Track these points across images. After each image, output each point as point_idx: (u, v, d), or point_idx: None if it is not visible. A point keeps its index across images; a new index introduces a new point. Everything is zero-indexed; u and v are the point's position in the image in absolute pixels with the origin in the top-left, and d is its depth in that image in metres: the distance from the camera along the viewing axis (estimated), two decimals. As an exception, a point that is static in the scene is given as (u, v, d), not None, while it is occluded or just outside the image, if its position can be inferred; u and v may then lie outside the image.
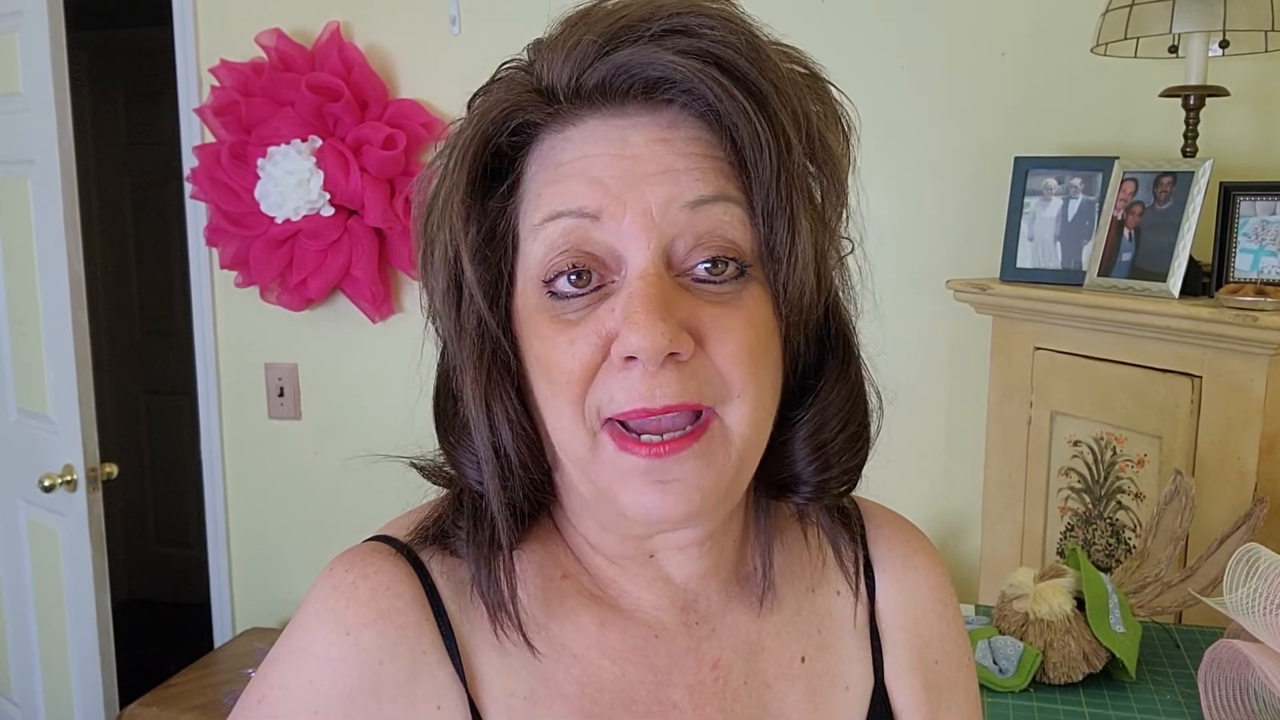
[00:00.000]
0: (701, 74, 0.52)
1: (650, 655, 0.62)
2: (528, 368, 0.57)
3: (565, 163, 0.54)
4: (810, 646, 0.66)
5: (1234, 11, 1.52)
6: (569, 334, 0.53)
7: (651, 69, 0.52)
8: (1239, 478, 1.45)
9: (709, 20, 0.53)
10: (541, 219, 0.54)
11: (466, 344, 0.57)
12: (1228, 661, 1.19)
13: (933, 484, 2.07)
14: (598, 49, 0.53)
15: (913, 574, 0.71)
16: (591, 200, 0.53)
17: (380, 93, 2.23)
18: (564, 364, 0.53)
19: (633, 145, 0.53)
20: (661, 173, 0.53)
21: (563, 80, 0.54)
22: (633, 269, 0.52)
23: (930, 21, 1.96)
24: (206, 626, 2.63)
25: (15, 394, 2.45)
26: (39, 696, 2.54)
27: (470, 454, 0.59)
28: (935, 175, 1.99)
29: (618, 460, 0.54)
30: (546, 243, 0.54)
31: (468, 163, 0.55)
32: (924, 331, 2.02)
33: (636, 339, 0.51)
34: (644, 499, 0.53)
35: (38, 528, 2.45)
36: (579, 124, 0.54)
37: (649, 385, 0.52)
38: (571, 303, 0.54)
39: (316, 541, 2.47)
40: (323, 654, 0.57)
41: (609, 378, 0.53)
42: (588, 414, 0.54)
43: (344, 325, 2.36)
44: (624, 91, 0.53)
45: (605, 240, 0.53)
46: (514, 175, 0.56)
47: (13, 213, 2.35)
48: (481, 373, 0.56)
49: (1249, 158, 1.78)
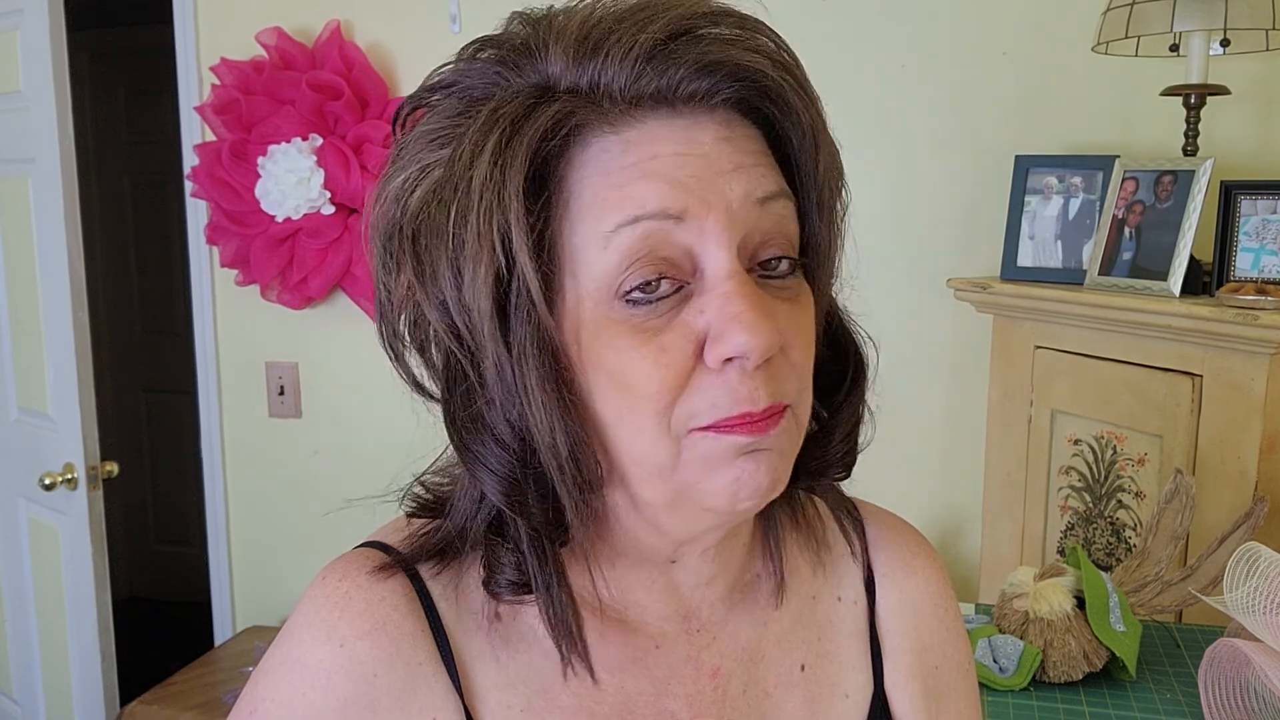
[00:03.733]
0: (771, 72, 0.52)
1: (650, 666, 0.61)
2: (582, 383, 0.54)
3: (631, 165, 0.51)
4: (810, 654, 0.66)
5: (1235, 10, 1.52)
6: (656, 342, 0.51)
7: (717, 70, 0.51)
8: (1239, 477, 1.45)
9: (744, 20, 0.53)
10: (615, 225, 0.51)
11: (529, 364, 0.52)
12: (1228, 660, 1.19)
13: (933, 482, 2.07)
14: (657, 50, 0.51)
15: (913, 579, 0.70)
16: (674, 201, 0.51)
17: (381, 91, 2.23)
18: (654, 374, 0.51)
19: (702, 144, 0.52)
20: (734, 170, 0.52)
21: (619, 82, 0.51)
22: (718, 268, 0.51)
23: (931, 21, 1.96)
24: (207, 625, 2.64)
25: (16, 392, 2.46)
26: (39, 694, 2.54)
27: (519, 484, 0.54)
28: (936, 174, 1.99)
29: (717, 446, 0.52)
30: (622, 250, 0.51)
31: (518, 168, 0.50)
32: (924, 330, 2.02)
33: (747, 339, 0.50)
34: (738, 472, 0.52)
35: (38, 526, 2.45)
36: (637, 126, 0.52)
37: (750, 387, 0.51)
38: (656, 308, 0.51)
39: (317, 540, 2.47)
40: (316, 666, 0.57)
41: (702, 385, 0.52)
42: (675, 424, 0.52)
43: (344, 324, 2.36)
44: (687, 94, 0.52)
45: (684, 242, 0.51)
46: (553, 182, 0.52)
47: (13, 211, 2.35)
48: (551, 393, 0.52)
49: (1250, 157, 1.78)
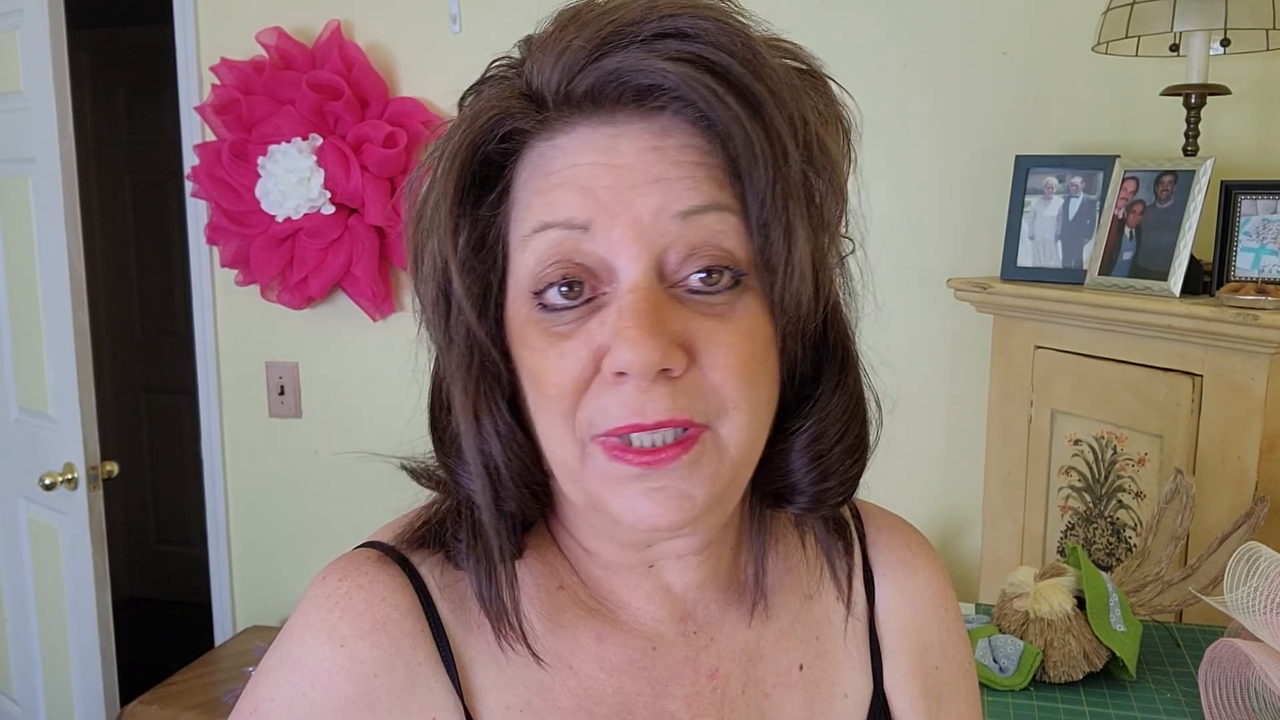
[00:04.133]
0: (693, 81, 0.50)
1: (648, 667, 0.61)
2: (520, 378, 0.56)
3: (554, 171, 0.52)
4: (808, 654, 0.66)
5: (1235, 10, 1.52)
6: (560, 347, 0.52)
7: (642, 76, 0.51)
8: (1239, 477, 1.45)
9: (703, 23, 0.51)
10: (530, 230, 0.53)
11: (455, 355, 0.56)
12: (1228, 660, 1.19)
13: (933, 483, 2.07)
14: (587, 54, 0.51)
15: (913, 579, 0.70)
16: (580, 211, 0.51)
17: (381, 91, 2.23)
18: (553, 377, 0.52)
19: (623, 154, 0.52)
20: (652, 182, 0.51)
21: (551, 86, 0.52)
22: (624, 281, 0.51)
23: (931, 21, 1.96)
24: (207, 624, 2.63)
25: (16, 392, 2.46)
26: (39, 694, 2.54)
27: (465, 464, 0.57)
28: (936, 174, 1.99)
29: (610, 468, 0.53)
30: (536, 254, 0.52)
31: (456, 170, 0.53)
32: (925, 331, 2.02)
33: (628, 355, 0.49)
34: (636, 505, 0.52)
35: (38, 526, 2.45)
36: (569, 131, 0.53)
37: (640, 400, 0.51)
38: (562, 315, 0.52)
39: (317, 540, 2.47)
40: (317, 666, 0.57)
41: (601, 392, 0.52)
42: (578, 427, 0.53)
43: (345, 323, 2.36)
44: (614, 98, 0.52)
45: (595, 251, 0.51)
46: (503, 183, 0.55)
47: (13, 211, 2.35)
48: (470, 384, 0.55)
49: (1250, 156, 1.78)
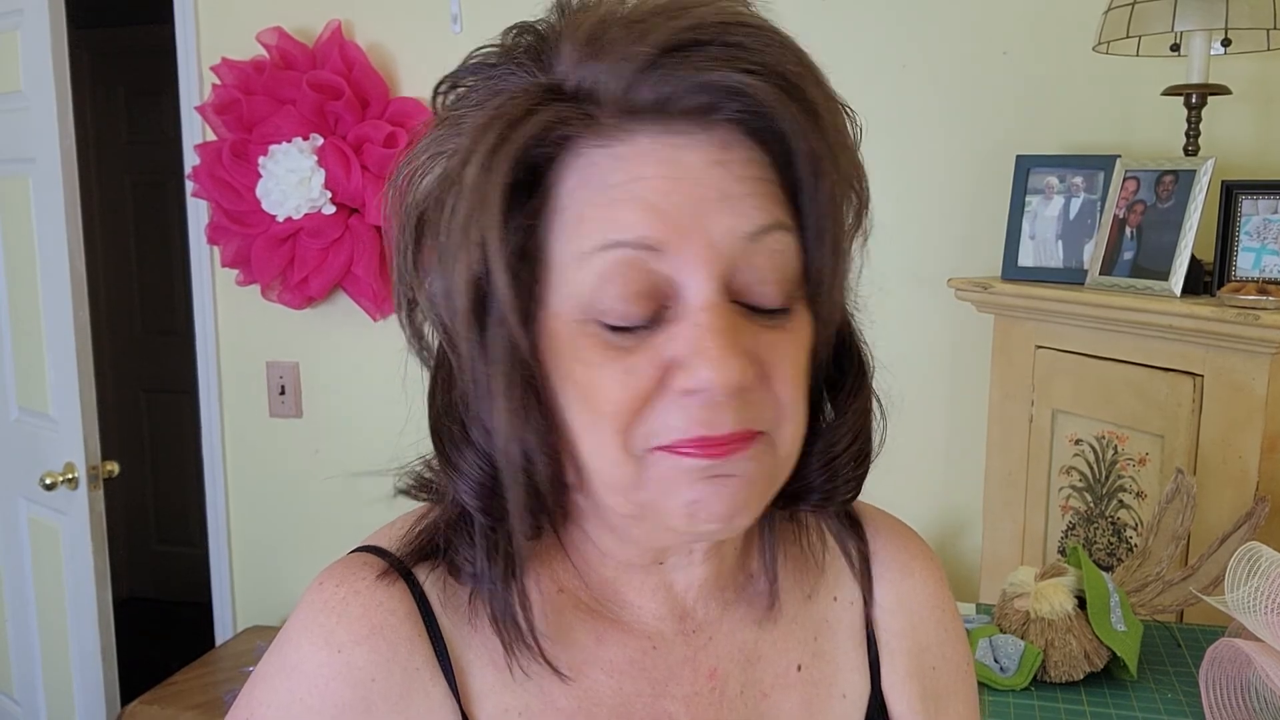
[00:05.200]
0: (769, 94, 0.49)
1: (648, 668, 0.61)
2: (555, 390, 0.53)
3: (615, 184, 0.50)
4: (807, 654, 0.66)
5: (1236, 10, 1.52)
6: (624, 362, 0.51)
7: (714, 88, 0.49)
8: (1240, 476, 1.45)
9: (759, 32, 0.50)
10: (594, 247, 0.50)
11: (496, 370, 0.52)
12: (1229, 660, 1.19)
13: (934, 483, 2.07)
14: (651, 61, 0.48)
15: (910, 580, 0.70)
16: (652, 230, 0.49)
17: (381, 91, 2.23)
18: (613, 394, 0.51)
19: (689, 168, 0.50)
20: (721, 199, 0.50)
21: (610, 92, 0.49)
22: (695, 299, 0.50)
23: (931, 20, 1.96)
24: (207, 624, 2.63)
25: (16, 392, 2.46)
26: (40, 694, 2.54)
27: (482, 480, 0.55)
28: (936, 174, 1.99)
29: (678, 466, 0.51)
30: (598, 272, 0.50)
31: (501, 176, 0.50)
32: (925, 331, 2.02)
33: (709, 373, 0.49)
34: (697, 495, 0.51)
35: (39, 526, 2.45)
36: (628, 140, 0.50)
37: (710, 414, 0.50)
38: (626, 332, 0.51)
39: (317, 540, 2.47)
40: (314, 672, 0.56)
41: (663, 407, 0.51)
42: (635, 441, 0.51)
43: (345, 323, 2.36)
44: (681, 110, 0.50)
45: (663, 270, 0.50)
46: (543, 188, 0.52)
47: (14, 211, 2.35)
48: (515, 401, 0.52)
49: (1251, 156, 1.78)
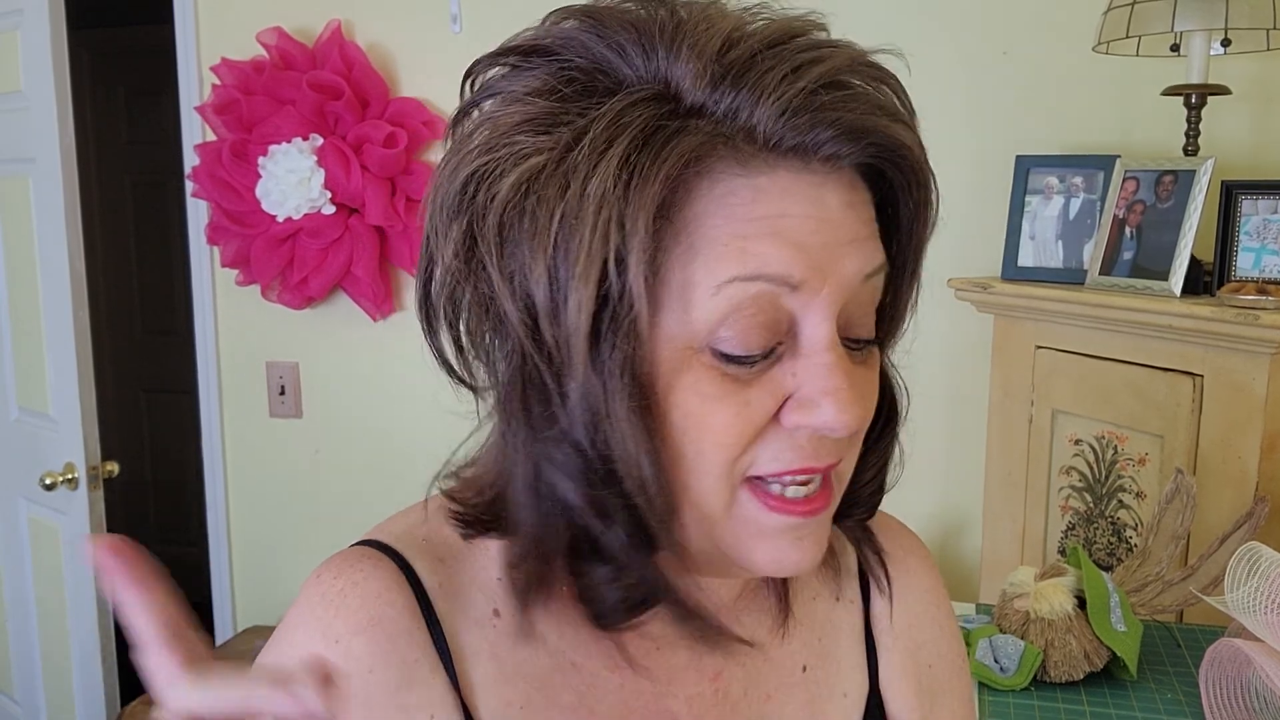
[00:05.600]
0: (914, 141, 0.51)
1: (652, 666, 0.61)
2: (663, 416, 0.51)
3: (759, 218, 0.49)
4: (812, 655, 0.66)
5: (1236, 10, 1.52)
6: (743, 395, 0.50)
7: (861, 134, 0.49)
8: (1240, 477, 1.45)
9: (887, 77, 0.52)
10: (730, 277, 0.49)
11: (617, 393, 0.49)
12: (1229, 660, 1.19)
13: (934, 482, 2.07)
14: (807, 103, 0.48)
15: (906, 578, 0.71)
16: (796, 269, 0.49)
17: (381, 91, 2.23)
18: (730, 425, 0.50)
19: (830, 208, 0.50)
20: (852, 241, 0.51)
21: (764, 125, 0.48)
22: (819, 338, 0.50)
23: (931, 20, 1.96)
24: (208, 624, 2.63)
25: (16, 392, 2.46)
26: (40, 694, 2.55)
27: (605, 495, 0.51)
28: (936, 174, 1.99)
29: (763, 519, 0.53)
30: (733, 303, 0.49)
31: (652, 196, 0.47)
32: (925, 331, 2.01)
33: (838, 414, 0.50)
34: (782, 555, 0.53)
35: (39, 526, 2.45)
36: (770, 174, 0.49)
37: (815, 447, 0.52)
38: (746, 365, 0.51)
39: (318, 540, 2.47)
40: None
41: (771, 438, 0.52)
42: (735, 474, 0.52)
43: (345, 323, 2.36)
44: (827, 153, 0.50)
45: (790, 307, 0.50)
46: (672, 208, 0.49)
47: (14, 211, 2.35)
48: (636, 424, 0.49)
49: (1250, 156, 1.78)
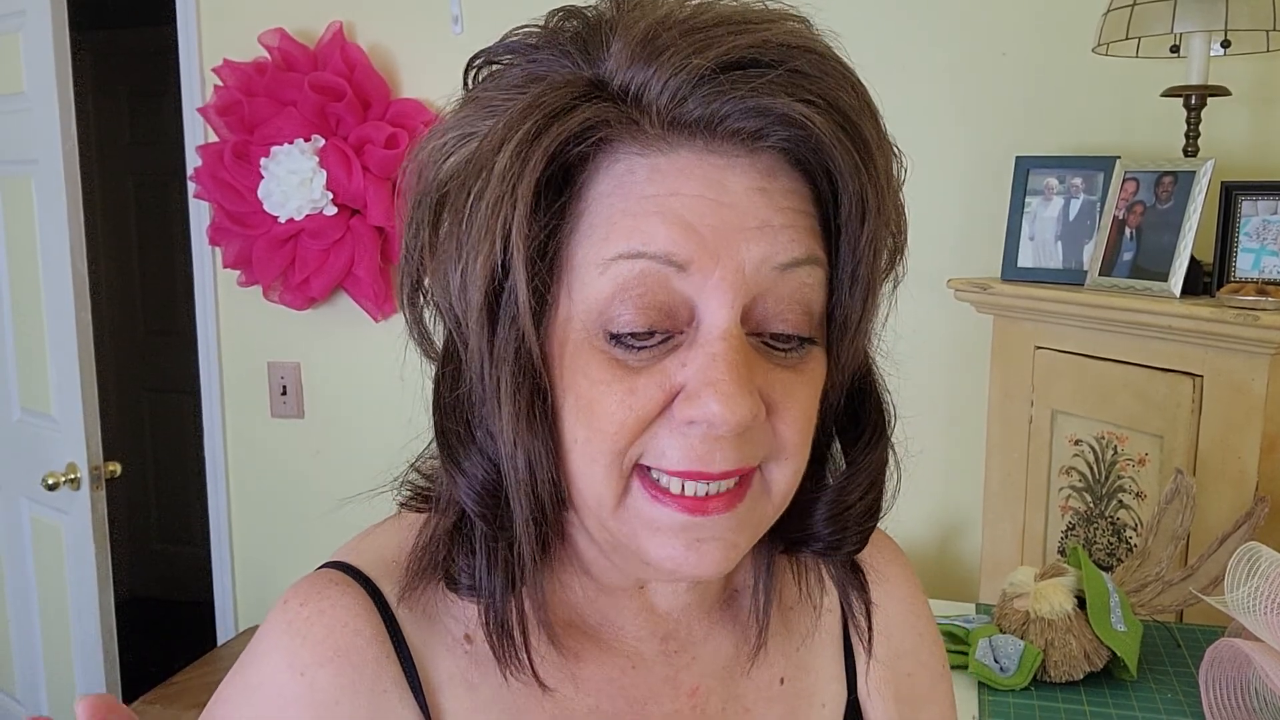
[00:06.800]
0: (826, 128, 0.47)
1: (626, 686, 0.60)
2: (558, 402, 0.51)
3: (650, 196, 0.48)
4: (790, 667, 0.65)
5: (1235, 11, 1.52)
6: (628, 382, 0.48)
7: (768, 113, 0.47)
8: (1240, 477, 1.45)
9: (822, 61, 0.48)
10: (616, 254, 0.48)
11: (504, 373, 0.49)
12: (1229, 660, 1.19)
13: (933, 483, 2.07)
14: (708, 77, 0.46)
15: (884, 586, 0.69)
16: (682, 249, 0.47)
17: (382, 92, 2.23)
18: (615, 414, 0.49)
19: (731, 192, 0.48)
20: (758, 228, 0.48)
21: (660, 102, 0.47)
22: (713, 327, 0.48)
23: (931, 21, 1.96)
24: (209, 624, 2.64)
25: (19, 392, 2.46)
26: (42, 693, 2.55)
27: (486, 485, 0.53)
28: (936, 175, 1.99)
29: (652, 512, 0.50)
30: (618, 282, 0.48)
31: (535, 168, 0.47)
32: (925, 331, 2.02)
33: (719, 409, 0.47)
34: (675, 554, 0.50)
35: (41, 526, 2.46)
36: (669, 153, 0.48)
37: (708, 449, 0.48)
38: (637, 351, 0.49)
39: (319, 540, 2.47)
40: (276, 694, 0.54)
41: (662, 432, 0.49)
42: (625, 462, 0.50)
43: (346, 324, 2.37)
44: (729, 131, 0.48)
45: (684, 291, 0.48)
46: (572, 188, 0.49)
47: (16, 212, 2.35)
48: (521, 408, 0.49)
49: (1250, 157, 1.78)
